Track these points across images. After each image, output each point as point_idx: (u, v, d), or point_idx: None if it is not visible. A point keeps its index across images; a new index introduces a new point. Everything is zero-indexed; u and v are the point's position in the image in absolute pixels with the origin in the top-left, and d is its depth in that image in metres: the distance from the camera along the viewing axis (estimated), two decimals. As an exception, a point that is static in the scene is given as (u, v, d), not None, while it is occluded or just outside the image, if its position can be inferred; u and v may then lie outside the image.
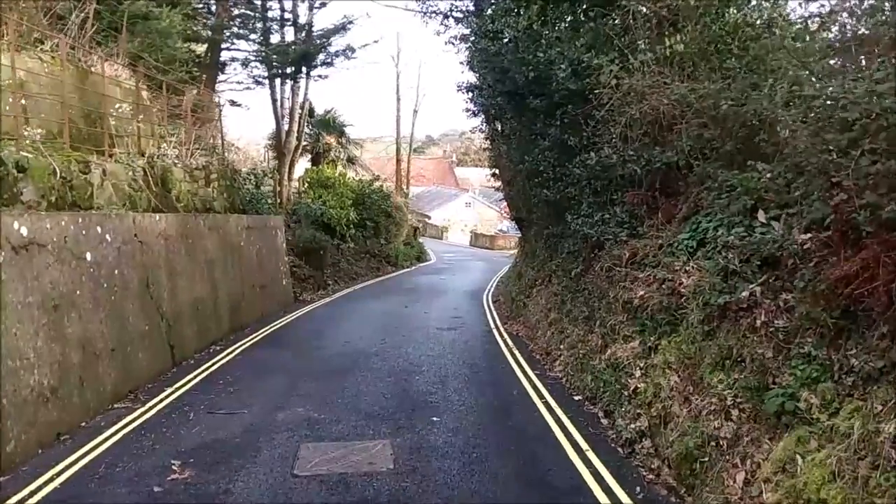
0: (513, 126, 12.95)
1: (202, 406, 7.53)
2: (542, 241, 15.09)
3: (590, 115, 9.23)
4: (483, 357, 10.42)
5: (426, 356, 10.29)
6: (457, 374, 9.13)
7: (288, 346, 11.13)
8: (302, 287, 18.85)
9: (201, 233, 11.13)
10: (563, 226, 12.66)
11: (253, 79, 20.11)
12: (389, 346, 11.14)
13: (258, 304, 14.06)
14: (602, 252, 9.04)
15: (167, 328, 9.32)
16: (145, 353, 8.53)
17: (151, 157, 10.92)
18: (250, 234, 14.07)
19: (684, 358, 5.93)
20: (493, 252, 44.18)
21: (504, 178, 21.51)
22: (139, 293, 8.57)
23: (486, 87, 13.11)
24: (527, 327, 12.41)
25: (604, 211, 8.84)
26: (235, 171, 15.25)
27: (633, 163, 8.02)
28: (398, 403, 7.64)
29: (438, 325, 13.60)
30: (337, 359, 10.04)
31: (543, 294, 12.50)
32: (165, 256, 9.54)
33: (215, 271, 11.55)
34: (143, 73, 13.31)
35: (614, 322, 7.75)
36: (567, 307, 10.27)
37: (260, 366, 9.55)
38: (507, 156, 14.78)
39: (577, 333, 9.12)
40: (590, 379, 7.77)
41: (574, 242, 10.90)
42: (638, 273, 7.62)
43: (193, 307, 10.37)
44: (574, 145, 9.54)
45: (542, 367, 9.44)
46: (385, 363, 9.76)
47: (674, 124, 8.21)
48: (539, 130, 10.78)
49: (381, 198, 28.01)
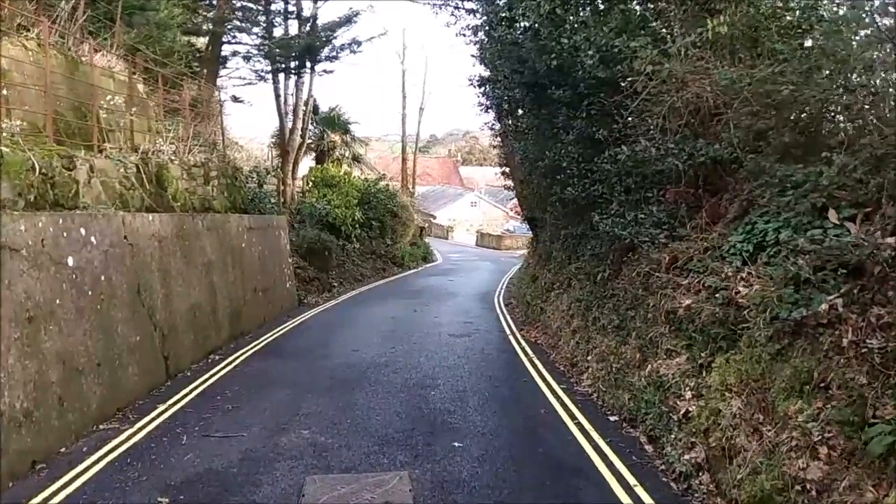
0: (530, 120, 12.16)
1: (196, 427, 6.78)
2: (558, 243, 14.32)
3: (621, 105, 8.47)
4: (502, 368, 9.65)
5: (440, 367, 9.52)
6: (476, 388, 8.35)
7: (292, 356, 10.38)
8: (306, 289, 18.13)
9: (199, 234, 10.39)
10: (583, 226, 11.91)
11: (255, 73, 19.37)
12: (400, 355, 10.38)
13: (260, 309, 13.32)
14: (634, 255, 8.26)
15: (161, 338, 8.58)
16: (136, 367, 7.78)
17: (146, 153, 10.18)
18: (252, 234, 13.33)
19: (748, 380, 5.14)
20: (500, 252, 43.37)
21: (516, 177, 20.73)
22: (129, 301, 7.82)
23: (501, 80, 12.34)
24: (546, 334, 11.63)
25: (637, 210, 8.05)
26: (237, 169, 14.50)
27: (675, 157, 7.22)
28: (414, 424, 6.87)
29: (450, 331, 12.83)
30: (344, 370, 9.28)
31: (564, 299, 11.71)
32: (159, 260, 8.79)
33: (214, 275, 10.81)
34: (139, 65, 12.61)
35: (654, 334, 6.97)
36: (593, 314, 9.48)
37: (261, 379, 8.80)
38: (522, 152, 13.95)
39: (608, 344, 8.34)
40: (627, 397, 6.98)
41: (598, 244, 10.13)
42: (681, 279, 6.84)
43: (190, 314, 9.63)
44: (602, 139, 8.77)
45: (569, 381, 8.66)
46: (397, 375, 9.00)
47: (718, 114, 7.44)
48: (562, 124, 10.00)
49: (386, 197, 27.28)
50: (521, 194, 20.60)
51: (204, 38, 19.07)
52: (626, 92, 8.29)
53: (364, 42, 20.19)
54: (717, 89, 7.20)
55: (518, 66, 11.07)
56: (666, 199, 7.69)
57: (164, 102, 13.45)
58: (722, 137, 7.15)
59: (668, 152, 7.27)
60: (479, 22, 14.92)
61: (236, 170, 14.42)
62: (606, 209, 8.84)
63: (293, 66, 19.50)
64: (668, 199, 7.55)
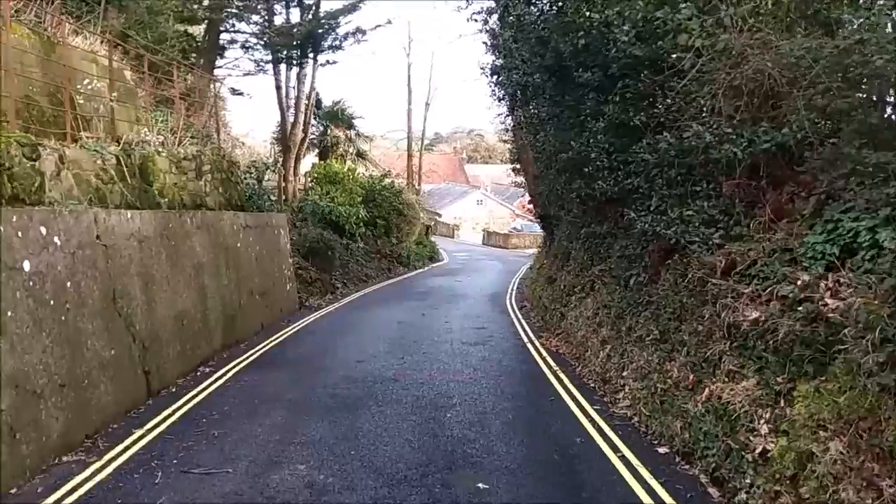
0: (551, 109, 11.12)
1: (175, 460, 5.79)
2: (578, 242, 13.29)
3: (662, 86, 7.44)
4: (524, 383, 8.64)
5: (455, 382, 8.52)
6: (497, 408, 7.34)
7: (290, 367, 9.39)
8: (308, 291, 17.16)
9: (188, 233, 9.40)
10: (609, 224, 10.91)
11: (255, 63, 18.39)
12: (410, 367, 9.38)
13: (258, 314, 12.35)
14: (677, 257, 7.23)
15: (140, 351, 7.60)
16: (110, 386, 6.81)
17: (129, 144, 9.21)
18: (249, 233, 12.35)
19: (850, 416, 4.11)
20: (507, 251, 42.39)
21: (529, 173, 19.71)
22: (102, 310, 6.84)
23: (517, 65, 11.31)
24: (569, 343, 10.61)
25: (683, 206, 7.01)
26: (232, 163, 13.52)
27: (732, 143, 6.19)
28: (429, 456, 5.87)
29: (463, 338, 11.83)
30: (348, 386, 8.29)
31: (588, 304, 10.68)
32: (140, 262, 7.82)
33: (205, 278, 9.83)
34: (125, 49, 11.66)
35: (710, 351, 5.94)
36: (626, 323, 8.46)
37: (254, 396, 7.82)
38: (540, 145, 12.95)
39: (648, 359, 7.31)
40: (679, 425, 5.96)
41: (629, 244, 9.11)
42: (742, 287, 5.80)
43: (176, 322, 8.65)
44: (640, 125, 7.73)
45: (602, 400, 7.64)
46: (407, 392, 8.00)
47: (781, 94, 6.41)
48: (590, 110, 8.96)
49: (392, 194, 26.30)
50: (535, 191, 19.59)
51: (200, 26, 18.12)
52: (669, 71, 7.29)
53: (368, 31, 19.21)
54: (783, 64, 6.17)
55: (538, 49, 10.04)
56: (724, 193, 6.63)
57: (155, 91, 12.53)
58: (788, 120, 6.12)
59: (725, 138, 6.23)
60: (493, 2, 13.95)
61: (232, 164, 13.43)
62: (644, 205, 7.82)
63: (295, 55, 18.49)
64: (726, 193, 6.50)
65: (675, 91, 7.04)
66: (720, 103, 6.50)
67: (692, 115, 6.91)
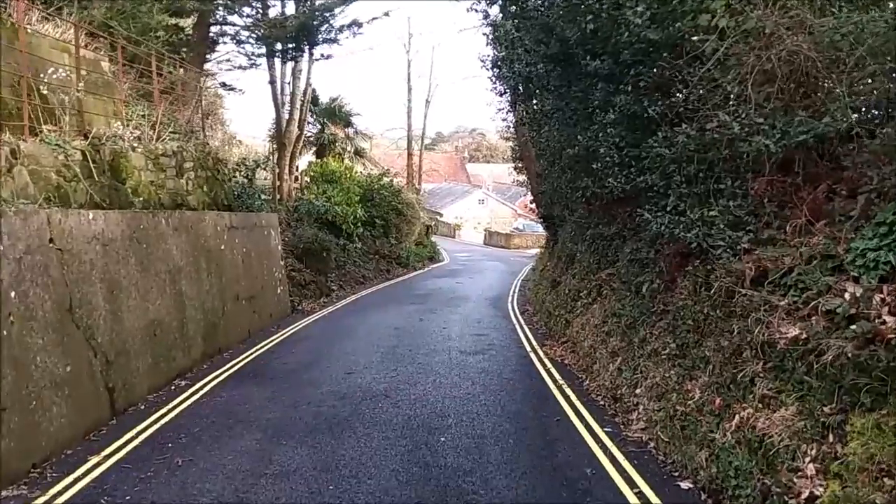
0: (555, 101, 10.36)
1: (128, 496, 5.09)
2: (583, 244, 12.57)
3: (680, 73, 6.71)
4: (527, 400, 7.91)
5: (451, 398, 7.80)
6: (497, 431, 6.62)
7: (272, 380, 8.68)
8: (301, 294, 16.46)
9: (162, 235, 8.69)
10: (617, 225, 10.19)
11: (247, 56, 17.65)
12: (403, 380, 8.66)
13: (244, 320, 11.64)
14: (697, 263, 6.49)
15: (103, 366, 6.89)
16: (64, 406, 6.10)
17: (99, 139, 8.51)
18: (234, 235, 11.64)
19: (924, 462, 3.38)
20: (509, 251, 41.66)
21: (532, 171, 18.97)
22: (56, 322, 6.14)
23: (520, 55, 10.57)
24: (575, 353, 9.88)
25: (705, 206, 6.28)
26: (219, 160, 12.81)
27: (764, 135, 5.45)
28: (419, 493, 5.15)
29: (461, 346, 11.12)
30: (333, 403, 7.58)
31: (595, 311, 9.95)
32: (104, 268, 7.11)
33: (183, 283, 9.12)
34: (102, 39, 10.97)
35: (741, 372, 5.20)
36: (639, 334, 7.73)
37: (229, 415, 7.10)
38: (544, 141, 12.22)
39: (664, 376, 6.58)
40: (704, 456, 5.22)
41: (641, 247, 8.39)
42: (777, 299, 5.07)
43: (147, 332, 7.94)
44: (655, 117, 7.00)
45: (613, 421, 6.91)
46: (398, 410, 7.28)
47: (818, 78, 5.68)
48: (599, 102, 8.22)
49: (391, 194, 25.59)
50: (537, 190, 18.85)
51: (189, 19, 17.40)
52: (688, 56, 6.56)
53: (365, 24, 18.44)
54: (820, 45, 5.44)
55: (542, 36, 9.30)
56: (755, 191, 5.88)
57: (137, 84, 11.84)
58: (828, 108, 5.39)
59: (756, 129, 5.50)
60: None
61: (218, 161, 12.73)
62: (659, 205, 7.08)
63: (289, 48, 17.75)
64: (757, 191, 5.76)
65: (696, 78, 6.31)
66: (748, 90, 5.77)
67: (715, 104, 6.18)
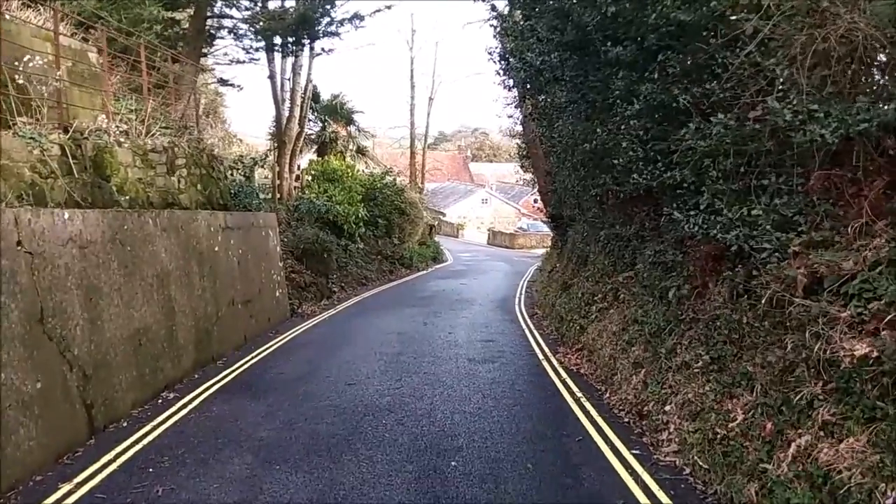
0: (570, 93, 9.72)
1: (98, 534, 4.49)
2: (597, 245, 11.94)
3: (714, 57, 6.08)
4: (544, 416, 7.27)
5: (461, 413, 7.17)
6: (513, 454, 5.98)
7: (267, 393, 8.06)
8: (301, 297, 15.87)
9: (150, 236, 8.08)
10: (636, 225, 9.55)
11: (244, 50, 17.03)
12: (408, 392, 8.04)
13: (240, 326, 11.04)
14: (740, 268, 5.84)
15: (80, 381, 6.28)
16: (34, 428, 5.49)
17: (81, 133, 7.91)
18: (230, 235, 11.04)
19: None
20: (514, 252, 41.08)
21: (540, 168, 18.34)
22: (23, 334, 5.53)
23: (532, 45, 9.94)
24: (591, 362, 9.25)
25: (745, 204, 5.64)
26: (214, 158, 12.19)
27: (818, 123, 4.81)
28: (428, 530, 4.53)
29: (469, 353, 10.49)
30: (332, 419, 6.96)
31: (613, 317, 9.32)
32: (81, 273, 6.50)
33: (172, 288, 8.51)
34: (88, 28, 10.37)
35: (795, 393, 4.56)
36: (665, 344, 7.09)
37: (218, 434, 6.49)
38: (557, 136, 11.56)
39: (699, 392, 5.95)
40: (754, 490, 4.58)
41: (666, 249, 7.75)
42: (837, 310, 4.44)
43: (131, 342, 7.33)
44: (685, 106, 6.35)
45: (641, 441, 6.27)
46: (403, 428, 6.66)
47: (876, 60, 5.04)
48: (620, 92, 7.57)
49: (393, 193, 24.99)
50: (546, 188, 18.22)
51: (186, 11, 16.80)
52: (723, 38, 5.92)
53: (367, 16, 17.81)
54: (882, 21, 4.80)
55: (557, 23, 8.67)
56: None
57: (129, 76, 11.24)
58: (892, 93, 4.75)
59: (810, 117, 4.86)
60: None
61: (213, 158, 12.11)
62: (690, 203, 6.45)
63: (289, 41, 17.13)
64: (814, 187, 5.11)
65: (735, 63, 5.67)
66: (798, 75, 5.14)
67: (759, 90, 5.54)
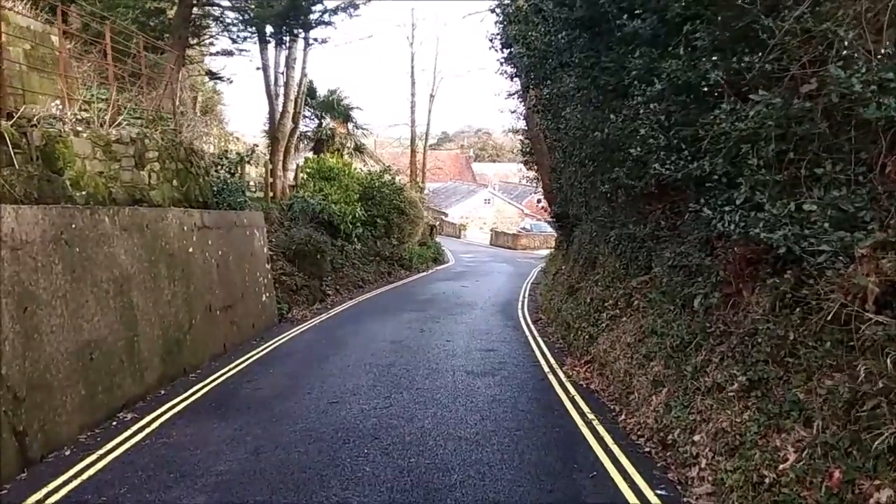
0: (579, 81, 8.79)
1: None
2: (607, 246, 11.01)
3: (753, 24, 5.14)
4: (551, 443, 6.32)
5: (455, 440, 6.24)
6: (515, 495, 5.04)
7: (238, 412, 7.15)
8: (292, 300, 14.97)
9: (105, 236, 7.17)
10: (651, 224, 8.62)
11: (231, 40, 16.15)
12: (396, 413, 7.11)
13: (218, 334, 10.12)
14: (790, 274, 4.90)
15: (10, 404, 5.37)
16: (-59, 463, 4.60)
17: (28, 119, 7.03)
18: (207, 235, 10.13)
19: None
20: (517, 252, 40.15)
21: (544, 165, 17.42)
22: (-70, 351, 4.63)
23: (537, 23, 9.03)
24: (604, 377, 8.30)
25: (793, 197, 4.70)
26: (193, 152, 11.29)
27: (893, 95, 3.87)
28: None
29: (468, 364, 9.57)
30: (307, 445, 6.04)
31: (627, 326, 8.38)
32: (13, 278, 5.59)
33: (133, 294, 7.60)
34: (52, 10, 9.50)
35: (872, 435, 3.62)
36: (691, 361, 6.15)
37: (172, 466, 5.57)
38: (564, 127, 10.62)
39: (737, 423, 5.00)
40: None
41: (689, 250, 6.83)
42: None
43: (79, 358, 6.42)
44: (717, 85, 5.42)
45: (667, 479, 5.33)
46: (388, 460, 5.73)
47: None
48: (638, 71, 6.65)
49: (392, 192, 24.05)
50: (551, 186, 17.30)
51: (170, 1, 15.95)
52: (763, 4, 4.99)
53: (362, 4, 16.92)
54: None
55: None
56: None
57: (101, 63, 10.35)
58: None
59: (882, 88, 3.92)
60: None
61: (193, 153, 11.21)
62: (722, 197, 5.52)
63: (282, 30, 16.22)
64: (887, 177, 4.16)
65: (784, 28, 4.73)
66: (865, 38, 4.20)
67: (812, 60, 4.61)
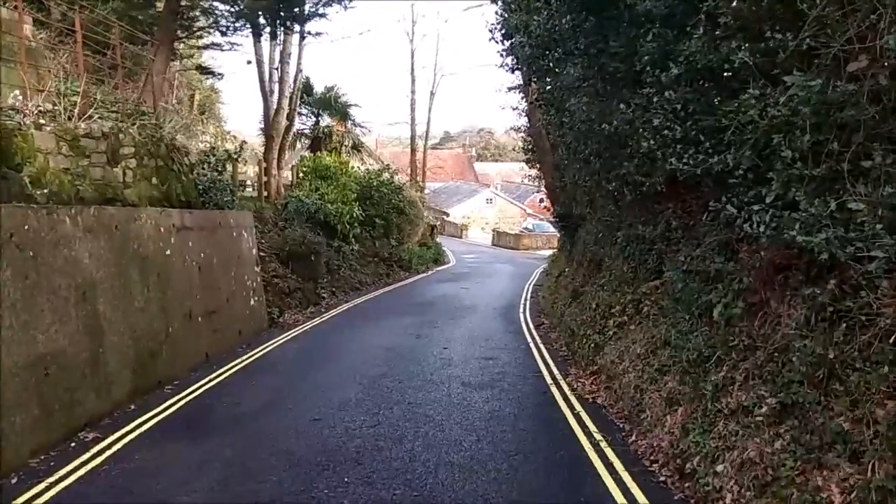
0: (584, 71, 8.13)
1: None
2: (613, 248, 10.37)
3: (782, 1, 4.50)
4: (554, 471, 5.68)
5: (447, 466, 5.60)
6: (513, 533, 4.42)
7: (212, 431, 6.52)
8: (284, 304, 14.35)
9: (66, 238, 6.55)
10: (661, 225, 7.99)
11: (221, 32, 15.53)
12: (384, 432, 6.47)
13: (199, 342, 9.50)
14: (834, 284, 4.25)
15: (-59, 429, 4.78)
16: None
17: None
18: (187, 237, 9.51)
19: None
20: (519, 253, 39.52)
21: (547, 163, 16.76)
22: None
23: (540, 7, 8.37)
24: (611, 390, 7.66)
25: (836, 194, 4.05)
26: (175, 149, 10.67)
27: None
28: None
29: (465, 375, 8.94)
30: (282, 472, 5.41)
31: (637, 336, 7.73)
32: (-50, 286, 4.99)
33: (99, 301, 6.98)
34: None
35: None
36: (712, 378, 5.49)
37: (129, 496, 4.95)
38: (568, 121, 9.94)
39: (768, 454, 4.35)
40: None
41: (705, 254, 6.19)
42: None
43: (32, 373, 5.80)
44: (745, 67, 4.76)
45: (686, 514, 4.69)
46: (370, 491, 5.09)
47: None
48: (652, 55, 6.00)
49: (391, 191, 23.44)
50: (553, 185, 16.63)
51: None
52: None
53: (358, -3, 16.26)
54: None
55: (571, -21, 7.13)
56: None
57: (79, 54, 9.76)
58: None
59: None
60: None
61: (175, 149, 10.59)
62: (747, 194, 4.87)
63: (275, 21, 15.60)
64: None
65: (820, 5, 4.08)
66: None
67: (858, 35, 3.95)
